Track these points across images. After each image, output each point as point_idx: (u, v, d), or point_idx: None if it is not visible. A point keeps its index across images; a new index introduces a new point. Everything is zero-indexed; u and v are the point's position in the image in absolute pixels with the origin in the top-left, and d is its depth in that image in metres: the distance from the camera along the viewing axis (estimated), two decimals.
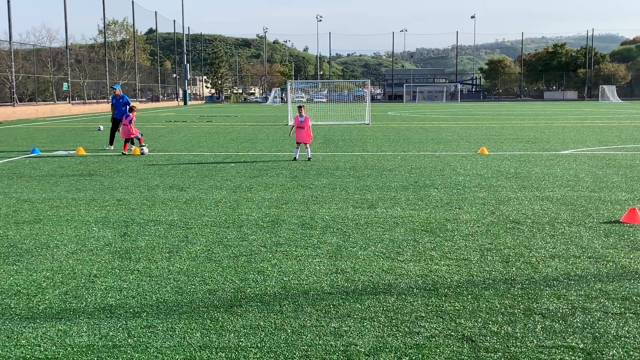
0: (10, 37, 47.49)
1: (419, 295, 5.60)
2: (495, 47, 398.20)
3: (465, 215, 9.12)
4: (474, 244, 7.44)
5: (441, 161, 16.02)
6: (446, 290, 5.75)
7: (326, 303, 5.41)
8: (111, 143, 20.81)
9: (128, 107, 20.09)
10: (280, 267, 6.49)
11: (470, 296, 5.58)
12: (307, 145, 16.44)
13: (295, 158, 16.27)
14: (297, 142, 16.31)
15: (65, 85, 59.66)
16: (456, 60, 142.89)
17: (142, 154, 18.18)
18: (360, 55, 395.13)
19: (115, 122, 21.16)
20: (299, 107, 16.49)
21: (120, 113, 20.91)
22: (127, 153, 18.33)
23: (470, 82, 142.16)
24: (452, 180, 12.66)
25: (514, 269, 6.39)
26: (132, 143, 19.27)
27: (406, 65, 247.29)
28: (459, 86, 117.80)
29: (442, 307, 5.32)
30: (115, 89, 21.22)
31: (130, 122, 19.12)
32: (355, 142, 22.52)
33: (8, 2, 46.50)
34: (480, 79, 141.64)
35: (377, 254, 7.01)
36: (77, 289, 5.82)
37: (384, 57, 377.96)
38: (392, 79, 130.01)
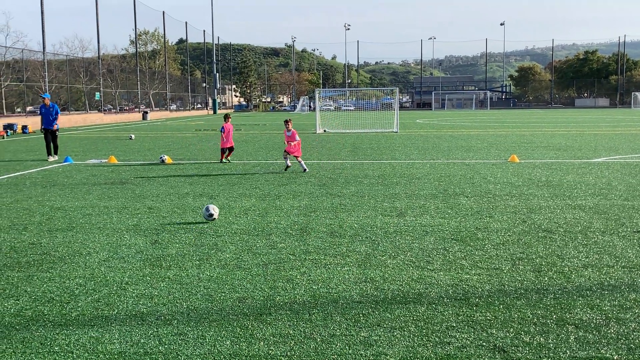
0: (43, 47, 48.47)
1: (449, 305, 5.54)
2: (525, 54, 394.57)
3: (496, 224, 9.02)
4: (505, 253, 7.35)
5: (471, 169, 15.88)
6: (477, 299, 5.68)
7: (356, 312, 5.39)
8: (49, 153, 20.37)
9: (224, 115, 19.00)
10: (309, 276, 6.48)
11: (501, 306, 5.51)
12: (299, 159, 15.78)
13: (288, 166, 15.75)
14: (286, 152, 15.66)
15: (97, 95, 60.68)
16: (485, 68, 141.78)
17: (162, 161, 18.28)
18: (388, 63, 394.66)
19: (46, 133, 20.63)
20: (286, 122, 15.81)
21: (49, 123, 20.60)
22: (225, 161, 18.26)
23: (500, 89, 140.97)
24: (483, 188, 12.54)
25: (546, 279, 6.30)
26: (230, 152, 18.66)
27: (435, 72, 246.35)
28: (489, 93, 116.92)
29: (473, 317, 5.26)
30: (44, 98, 20.93)
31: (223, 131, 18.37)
32: (384, 150, 22.45)
33: (42, 13, 47.49)
34: (510, 86, 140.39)
35: (406, 262, 6.96)
36: (109, 297, 5.89)
37: (412, 65, 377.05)
38: (421, 86, 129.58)
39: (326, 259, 7.13)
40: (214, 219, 9.38)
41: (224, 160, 18.28)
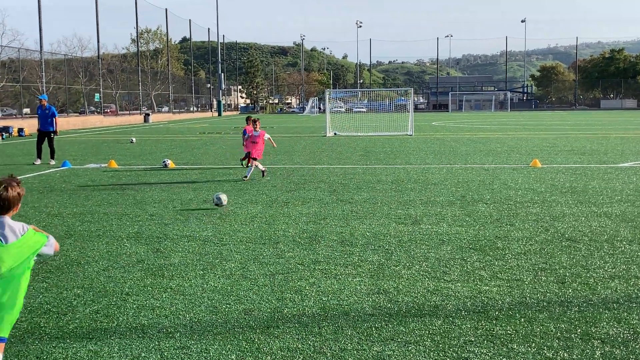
0: (40, 46, 48.84)
1: (467, 318, 5.52)
2: (548, 53, 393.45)
3: (517, 232, 8.99)
4: (526, 263, 7.32)
5: (490, 174, 15.85)
6: (497, 312, 5.66)
7: (368, 325, 5.38)
8: (38, 156, 20.54)
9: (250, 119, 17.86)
10: (319, 287, 6.48)
11: (523, 319, 5.48)
12: (258, 162, 15.48)
13: (246, 176, 15.12)
14: (246, 154, 15.36)
15: (97, 96, 61.05)
16: (505, 67, 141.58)
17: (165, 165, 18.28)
18: (402, 63, 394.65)
19: (41, 135, 20.77)
20: (254, 121, 15.67)
21: (46, 125, 20.70)
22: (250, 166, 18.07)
23: (520, 90, 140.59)
24: (503, 194, 12.50)
25: (570, 291, 6.26)
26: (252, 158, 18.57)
27: (452, 72, 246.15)
28: (509, 94, 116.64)
29: (493, 330, 5.23)
30: (41, 99, 21.04)
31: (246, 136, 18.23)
32: (398, 154, 22.44)
33: (39, 10, 47.86)
34: (531, 86, 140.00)
35: (422, 273, 6.95)
36: (108, 308, 5.91)
37: (427, 64, 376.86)
38: (437, 87, 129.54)
39: (337, 269, 7.13)
40: (223, 205, 10.93)
41: (249, 165, 18.00)
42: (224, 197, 11.15)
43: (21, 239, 3.76)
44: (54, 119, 20.85)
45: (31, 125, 40.55)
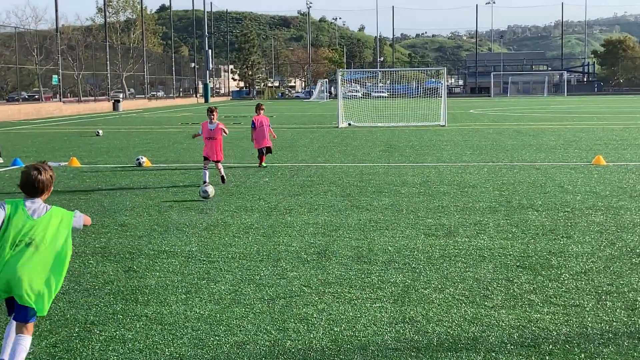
0: None
1: (514, 353, 5.51)
2: (614, 23, 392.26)
3: (575, 246, 8.96)
4: (588, 285, 7.30)
5: (542, 174, 15.81)
6: (551, 346, 5.65)
7: None
8: None
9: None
10: (330, 314, 6.48)
11: (583, 354, 5.47)
12: (219, 163, 14.93)
13: (205, 181, 14.42)
14: (204, 158, 14.83)
15: (55, 78, 61.34)
16: (561, 41, 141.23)
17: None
18: (433, 36, 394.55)
19: None
20: (210, 111, 15.09)
21: None
22: (265, 165, 18.21)
23: (580, 69, 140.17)
24: (558, 199, 12.47)
25: None
26: (268, 153, 18.57)
27: (494, 48, 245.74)
28: (565, 75, 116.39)
29: None
30: None
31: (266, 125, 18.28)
32: (427, 149, 22.42)
33: None
34: (593, 65, 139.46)
35: (457, 297, 6.94)
36: (69, 340, 5.93)
37: (464, 38, 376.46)
38: (476, 66, 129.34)
39: (351, 292, 7.13)
40: (210, 197, 11.59)
41: (263, 164, 18.10)
42: (210, 189, 11.24)
43: (48, 213, 5.08)
44: None
45: None
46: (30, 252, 4.88)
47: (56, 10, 63.46)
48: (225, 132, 14.99)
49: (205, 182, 14.37)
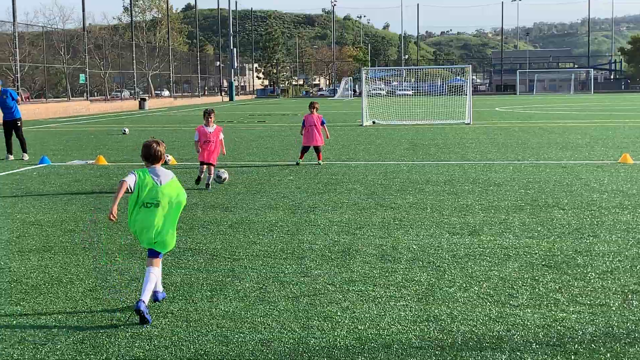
0: (14, 17, 49.51)
1: (539, 352, 5.48)
2: None
3: (602, 245, 8.90)
4: (614, 284, 7.25)
5: (569, 173, 15.71)
6: (576, 345, 5.61)
7: None
8: (9, 152, 20.88)
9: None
10: (354, 312, 6.48)
11: (609, 354, 5.43)
12: (213, 167, 14.35)
13: (218, 175, 14.34)
14: (200, 163, 14.41)
15: (82, 77, 61.75)
16: (588, 38, 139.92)
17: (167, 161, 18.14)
18: (458, 34, 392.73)
19: (7, 126, 20.96)
20: (207, 113, 14.47)
21: (8, 113, 20.85)
22: (300, 162, 18.27)
23: (607, 67, 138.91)
24: (584, 198, 12.39)
25: None
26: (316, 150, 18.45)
27: (520, 45, 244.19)
28: (592, 72, 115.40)
29: None
30: None
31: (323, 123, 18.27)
32: (452, 147, 22.35)
33: None
34: (620, 62, 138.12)
35: (482, 296, 6.92)
36: (95, 337, 5.98)
37: (490, 36, 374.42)
38: (502, 63, 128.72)
39: (375, 291, 7.13)
40: (224, 180, 12.13)
41: (321, 161, 18.24)
42: (224, 174, 11.23)
43: (169, 182, 6.64)
44: (16, 103, 21.02)
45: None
46: (157, 210, 6.50)
47: (83, 10, 63.90)
48: (221, 140, 14.37)
49: (218, 173, 14.27)
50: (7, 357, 5.59)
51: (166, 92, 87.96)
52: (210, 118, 14.43)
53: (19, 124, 21.06)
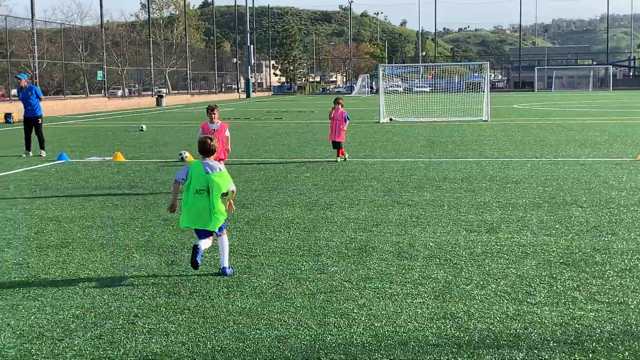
0: (32, 14, 49.86)
1: (557, 350, 5.46)
2: None
3: (620, 243, 8.85)
4: (632, 282, 7.21)
5: (587, 170, 15.63)
6: (594, 344, 5.58)
7: (431, 358, 5.37)
8: (27, 148, 21.00)
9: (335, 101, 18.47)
10: (370, 309, 6.48)
11: (627, 352, 5.40)
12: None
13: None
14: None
15: (99, 74, 62.06)
16: (607, 35, 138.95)
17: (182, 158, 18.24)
18: (476, 30, 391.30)
19: (27, 122, 21.13)
20: (211, 109, 13.79)
21: (30, 109, 20.99)
22: (340, 159, 18.26)
23: (626, 63, 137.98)
24: (603, 195, 12.32)
25: None
26: (341, 147, 18.54)
27: (538, 42, 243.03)
28: (611, 69, 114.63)
29: None
30: (20, 79, 21.36)
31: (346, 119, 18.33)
32: (469, 144, 22.27)
33: None
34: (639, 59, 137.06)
35: (499, 294, 6.90)
36: (113, 332, 6.01)
37: (508, 32, 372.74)
38: (520, 60, 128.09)
39: (392, 288, 7.12)
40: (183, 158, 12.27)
41: (339, 158, 18.24)
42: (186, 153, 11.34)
43: (219, 173, 7.53)
44: (39, 101, 21.16)
45: (20, 110, 41.42)
46: (206, 197, 7.47)
47: (101, 7, 64.33)
48: (227, 137, 13.49)
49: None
50: (25, 352, 5.63)
51: (164, 90, 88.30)
52: (214, 114, 13.74)
53: (40, 122, 21.20)
